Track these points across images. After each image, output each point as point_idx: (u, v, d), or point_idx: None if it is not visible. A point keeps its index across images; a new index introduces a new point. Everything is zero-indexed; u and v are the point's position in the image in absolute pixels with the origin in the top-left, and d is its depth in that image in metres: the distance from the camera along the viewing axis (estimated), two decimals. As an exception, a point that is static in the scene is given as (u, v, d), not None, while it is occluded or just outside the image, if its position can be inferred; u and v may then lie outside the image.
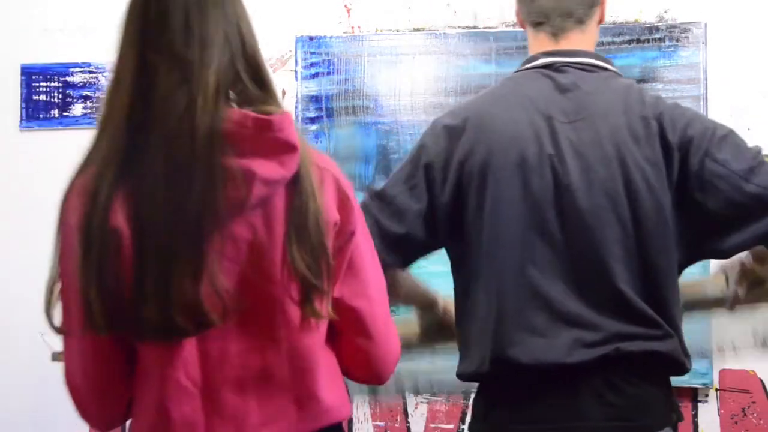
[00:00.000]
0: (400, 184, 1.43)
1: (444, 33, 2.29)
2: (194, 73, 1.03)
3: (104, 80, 2.45)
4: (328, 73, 2.33)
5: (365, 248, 1.16)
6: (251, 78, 1.09)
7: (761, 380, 2.14)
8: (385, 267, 1.28)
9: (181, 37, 1.04)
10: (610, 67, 1.46)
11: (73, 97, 2.47)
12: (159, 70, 1.03)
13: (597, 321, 1.34)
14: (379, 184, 1.46)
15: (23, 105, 2.49)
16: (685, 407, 2.16)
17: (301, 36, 2.35)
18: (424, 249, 1.47)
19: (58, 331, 1.12)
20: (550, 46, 1.45)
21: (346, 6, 2.37)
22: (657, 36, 2.18)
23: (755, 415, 2.13)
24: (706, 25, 2.16)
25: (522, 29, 1.56)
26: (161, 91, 1.03)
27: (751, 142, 2.23)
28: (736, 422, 2.14)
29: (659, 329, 1.35)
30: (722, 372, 2.14)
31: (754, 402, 2.14)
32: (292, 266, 1.05)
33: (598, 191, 1.35)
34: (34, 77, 2.49)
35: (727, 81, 2.17)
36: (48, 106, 2.48)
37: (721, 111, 2.17)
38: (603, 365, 1.34)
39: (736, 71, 2.17)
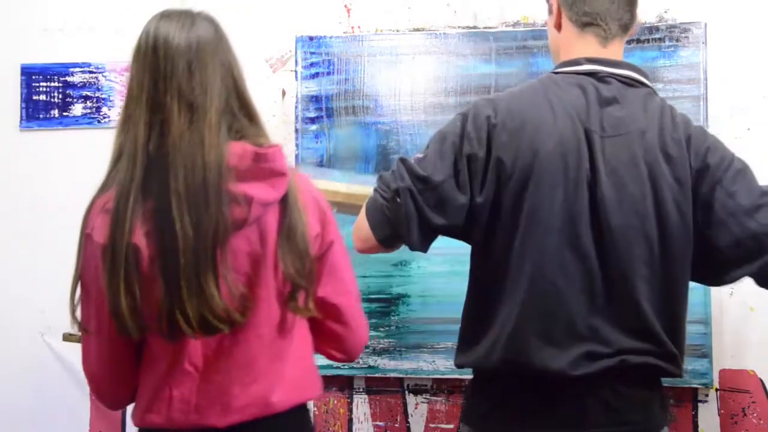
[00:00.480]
0: (445, 170, 1.39)
1: (444, 33, 2.29)
2: (200, 114, 1.25)
3: (104, 80, 2.45)
4: (328, 73, 2.33)
5: (342, 253, 1.39)
6: (244, 114, 1.32)
7: (761, 380, 2.14)
8: (416, 249, 1.43)
9: (187, 83, 1.25)
10: (647, 82, 1.46)
11: (73, 97, 2.47)
12: (171, 110, 1.24)
13: (612, 337, 1.37)
14: (418, 161, 1.42)
15: (23, 105, 2.49)
16: (685, 407, 2.16)
17: (301, 36, 2.35)
18: (455, 237, 1.48)
19: (82, 330, 1.33)
20: (596, 51, 1.45)
21: (346, 6, 2.37)
22: (657, 36, 2.18)
23: (755, 415, 2.13)
24: (706, 25, 2.16)
25: (523, 30, 1.56)
26: (176, 130, 1.24)
27: (751, 142, 2.24)
28: (736, 422, 2.14)
29: (666, 348, 1.39)
30: (722, 372, 2.14)
31: (754, 402, 2.14)
32: (283, 271, 1.28)
33: (628, 209, 1.36)
34: (34, 77, 2.49)
35: (727, 81, 2.17)
36: (48, 106, 2.48)
37: (721, 111, 2.17)
38: (607, 375, 1.38)
39: (736, 71, 2.17)
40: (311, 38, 2.34)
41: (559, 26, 1.49)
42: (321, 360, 2.27)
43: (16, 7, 2.52)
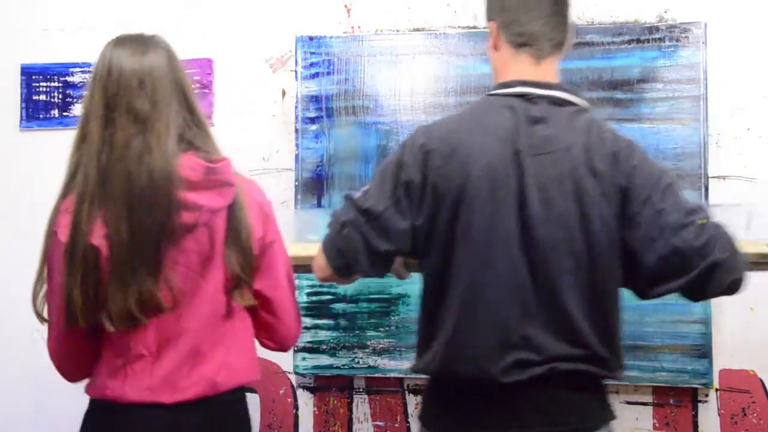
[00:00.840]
0: (385, 200, 1.51)
1: (444, 33, 2.29)
2: (149, 126, 1.40)
3: (104, 80, 2.45)
4: (328, 73, 2.33)
5: (280, 252, 1.57)
6: (195, 124, 1.47)
7: (761, 380, 2.14)
8: (367, 275, 1.56)
9: (137, 99, 1.41)
10: (576, 100, 1.53)
11: (73, 97, 2.47)
12: (121, 124, 1.40)
13: (545, 345, 1.45)
14: (360, 195, 1.54)
15: (23, 105, 2.49)
16: (685, 407, 2.16)
17: (301, 36, 2.35)
18: (406, 257, 1.60)
19: (44, 321, 1.51)
20: (529, 70, 1.53)
21: (346, 6, 2.37)
22: (657, 36, 2.18)
23: (755, 415, 2.13)
24: (706, 25, 2.16)
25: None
26: (121, 139, 1.40)
27: (751, 142, 2.24)
28: (736, 422, 2.14)
29: (597, 353, 1.46)
30: (722, 372, 2.15)
31: (754, 402, 2.14)
32: (228, 268, 1.46)
33: (556, 224, 1.44)
34: (34, 77, 2.49)
35: (727, 81, 2.17)
36: (48, 106, 2.48)
37: (721, 111, 2.17)
38: (539, 381, 1.45)
39: (736, 71, 2.17)
40: (311, 38, 2.34)
41: (496, 47, 1.57)
42: (321, 360, 2.29)
43: (16, 7, 2.52)
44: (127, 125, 1.40)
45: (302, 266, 1.76)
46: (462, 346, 1.48)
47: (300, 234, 2.30)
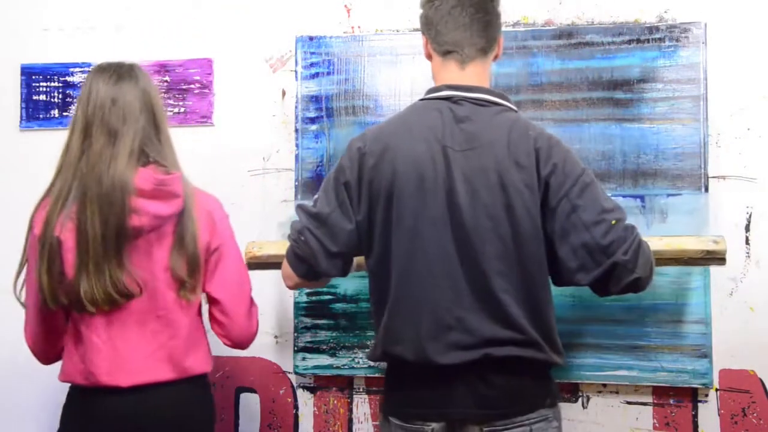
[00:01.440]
0: (331, 204, 1.67)
1: (444, 33, 2.29)
2: (119, 138, 1.67)
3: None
4: (328, 73, 2.33)
5: (230, 256, 1.80)
6: (158, 139, 1.74)
7: (761, 380, 2.14)
8: (330, 275, 1.72)
9: (110, 115, 1.68)
10: (501, 101, 1.66)
11: (73, 97, 2.47)
12: (96, 137, 1.67)
13: (476, 326, 1.57)
14: (311, 203, 1.72)
15: (23, 105, 2.49)
16: (685, 407, 2.16)
17: (301, 36, 2.35)
18: (356, 254, 1.72)
19: (23, 305, 1.79)
20: (456, 76, 1.67)
21: (346, 6, 2.37)
22: (657, 36, 2.18)
23: (755, 415, 2.13)
24: (706, 25, 2.16)
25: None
26: (95, 150, 1.67)
27: (751, 142, 2.24)
28: (736, 422, 2.14)
29: (527, 335, 1.57)
30: (722, 372, 2.14)
31: (754, 402, 2.14)
32: (173, 269, 1.70)
33: (481, 213, 1.56)
34: (34, 77, 2.49)
35: (727, 81, 2.17)
36: (48, 106, 2.48)
37: (721, 111, 2.17)
38: (474, 366, 1.58)
39: (736, 71, 2.17)
40: (311, 38, 2.34)
41: (429, 56, 1.74)
42: (321, 360, 2.29)
43: (16, 7, 2.52)
44: (101, 138, 1.67)
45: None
46: (399, 329, 1.62)
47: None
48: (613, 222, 1.55)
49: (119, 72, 1.74)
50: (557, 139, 1.63)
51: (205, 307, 1.87)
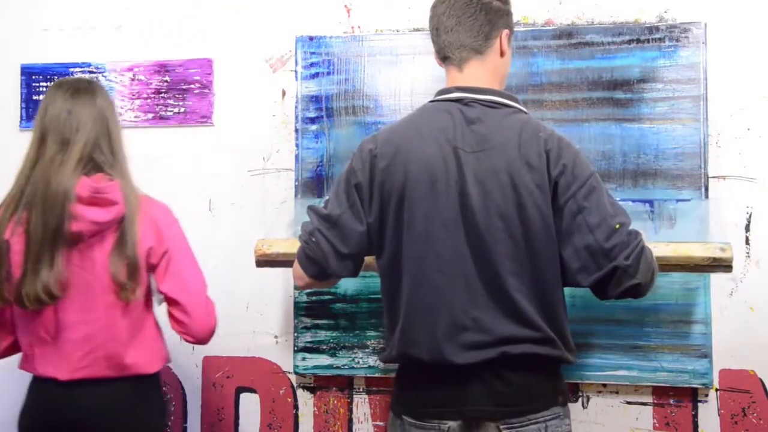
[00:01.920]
0: (342, 204, 1.69)
1: (444, 33, 2.29)
2: (69, 147, 1.79)
3: (104, 80, 2.45)
4: (328, 73, 2.33)
5: (182, 258, 1.89)
6: (109, 149, 1.84)
7: (761, 380, 2.14)
8: (341, 276, 1.73)
9: (64, 124, 1.80)
10: (511, 103, 1.68)
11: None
12: (48, 144, 1.79)
13: (491, 325, 1.58)
14: (321, 205, 1.73)
15: (23, 105, 2.49)
16: (685, 407, 2.16)
17: (301, 36, 2.35)
18: (367, 255, 1.74)
19: None
20: (458, 78, 1.69)
21: (346, 6, 2.37)
22: (657, 36, 2.18)
23: (755, 415, 2.14)
24: (706, 25, 2.16)
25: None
26: (47, 157, 1.79)
27: (751, 142, 2.24)
28: (736, 422, 2.14)
29: (542, 332, 1.59)
30: (722, 372, 2.14)
31: (754, 402, 2.14)
32: (112, 272, 1.80)
33: (493, 213, 1.58)
34: (34, 77, 2.49)
35: (727, 81, 2.17)
36: (48, 106, 2.48)
37: (721, 111, 2.17)
38: (490, 364, 1.59)
39: (736, 71, 2.17)
40: (311, 38, 2.34)
41: (440, 65, 1.76)
42: (321, 360, 2.29)
43: (16, 7, 2.52)
44: (53, 146, 1.79)
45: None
46: (415, 331, 1.62)
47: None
48: (617, 226, 1.56)
49: (77, 87, 1.85)
50: (567, 141, 1.64)
51: (164, 308, 1.94)
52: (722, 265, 1.94)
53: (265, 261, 2.11)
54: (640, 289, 1.59)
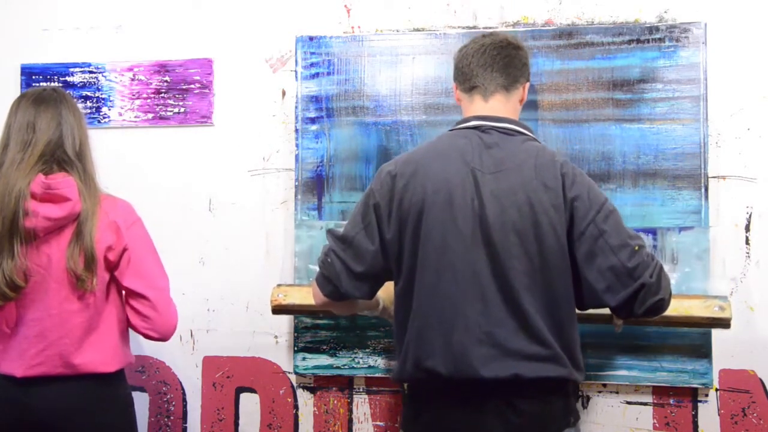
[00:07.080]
0: (357, 225, 1.75)
1: (444, 33, 2.29)
2: (30, 148, 1.86)
3: (104, 80, 2.45)
4: (328, 73, 2.33)
5: (143, 255, 1.93)
6: (73, 149, 1.90)
7: (761, 380, 2.14)
8: (353, 296, 1.77)
9: (25, 128, 1.88)
10: (526, 132, 1.76)
11: (73, 97, 2.47)
12: (11, 147, 1.87)
13: (503, 340, 1.62)
14: (340, 228, 1.79)
15: (23, 105, 2.48)
16: (685, 407, 2.16)
17: (301, 36, 2.35)
18: (384, 277, 1.79)
19: None
20: (481, 107, 1.77)
21: (346, 6, 2.37)
22: (657, 36, 2.18)
23: (755, 415, 2.14)
24: (706, 25, 2.16)
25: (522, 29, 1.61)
26: (9, 157, 1.86)
27: (751, 142, 2.24)
28: (736, 422, 2.14)
29: (551, 350, 1.63)
30: (722, 372, 2.15)
31: (754, 402, 2.14)
32: (69, 266, 1.83)
33: (509, 230, 1.63)
34: (34, 77, 2.49)
35: (727, 81, 2.17)
36: (48, 106, 2.48)
37: (721, 111, 2.17)
38: (503, 388, 1.62)
39: (736, 71, 2.17)
40: (311, 38, 2.34)
41: (459, 100, 1.84)
42: (321, 360, 2.29)
43: (16, 7, 2.52)
44: (15, 149, 1.86)
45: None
46: (428, 342, 1.66)
47: (299, 239, 2.30)
48: (636, 248, 1.63)
49: (42, 95, 1.93)
50: (581, 170, 1.72)
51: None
52: (720, 324, 2.02)
53: (280, 310, 2.21)
54: (663, 304, 1.65)
